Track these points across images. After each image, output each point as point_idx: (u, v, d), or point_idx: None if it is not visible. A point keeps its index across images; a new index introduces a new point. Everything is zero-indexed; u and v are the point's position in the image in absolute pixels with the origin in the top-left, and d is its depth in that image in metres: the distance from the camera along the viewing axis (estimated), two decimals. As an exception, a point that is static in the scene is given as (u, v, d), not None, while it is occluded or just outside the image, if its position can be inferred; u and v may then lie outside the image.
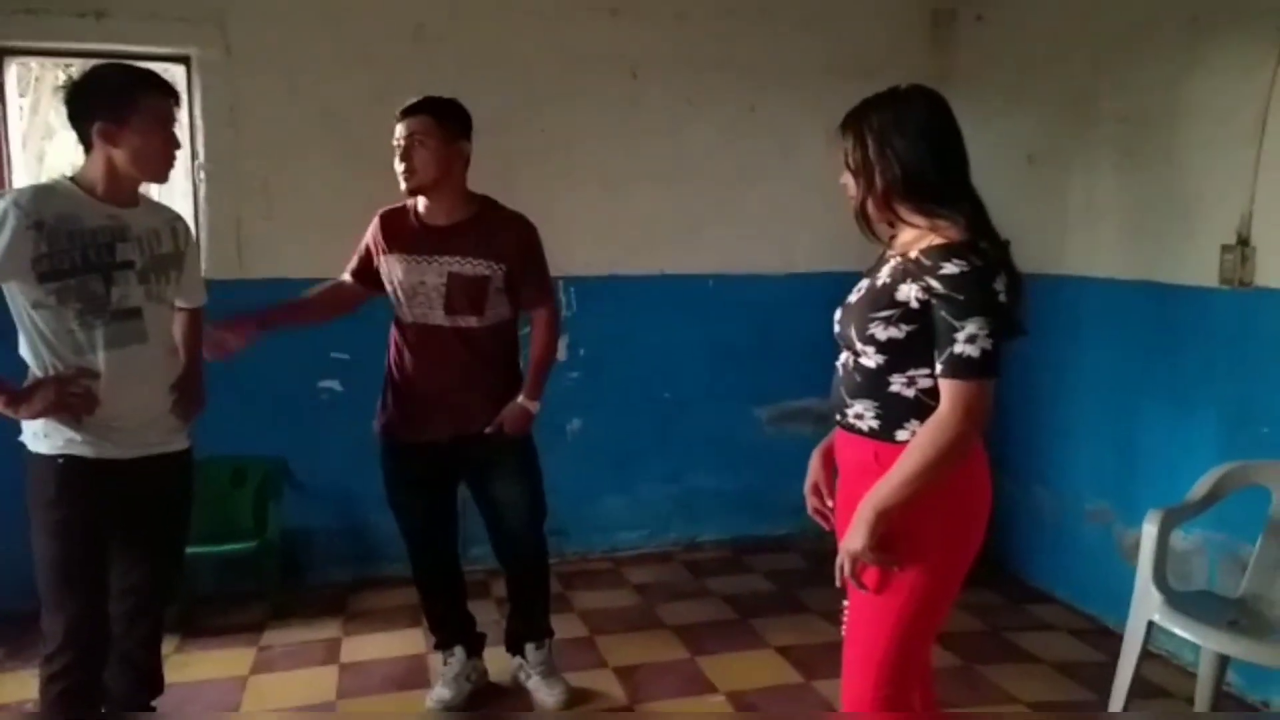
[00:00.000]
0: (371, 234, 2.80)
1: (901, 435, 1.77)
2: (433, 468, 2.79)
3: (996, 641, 3.34)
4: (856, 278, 1.98)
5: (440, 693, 2.84)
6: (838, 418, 1.90)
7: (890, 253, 1.83)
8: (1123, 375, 3.41)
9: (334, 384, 3.77)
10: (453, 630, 2.93)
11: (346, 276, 2.87)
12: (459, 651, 2.90)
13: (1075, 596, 3.64)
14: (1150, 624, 2.55)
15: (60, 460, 2.14)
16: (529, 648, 2.95)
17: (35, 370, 2.15)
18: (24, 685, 2.86)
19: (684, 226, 4.09)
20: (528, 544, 2.87)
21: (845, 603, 2.00)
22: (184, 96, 3.51)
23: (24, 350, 2.16)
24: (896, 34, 4.21)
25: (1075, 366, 3.62)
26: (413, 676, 3.06)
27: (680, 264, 4.12)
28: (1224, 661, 2.72)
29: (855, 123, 1.83)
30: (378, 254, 2.77)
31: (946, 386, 1.69)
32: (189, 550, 2.81)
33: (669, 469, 4.23)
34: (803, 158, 4.17)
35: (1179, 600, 2.57)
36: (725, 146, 4.09)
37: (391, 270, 2.72)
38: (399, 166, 2.62)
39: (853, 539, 1.73)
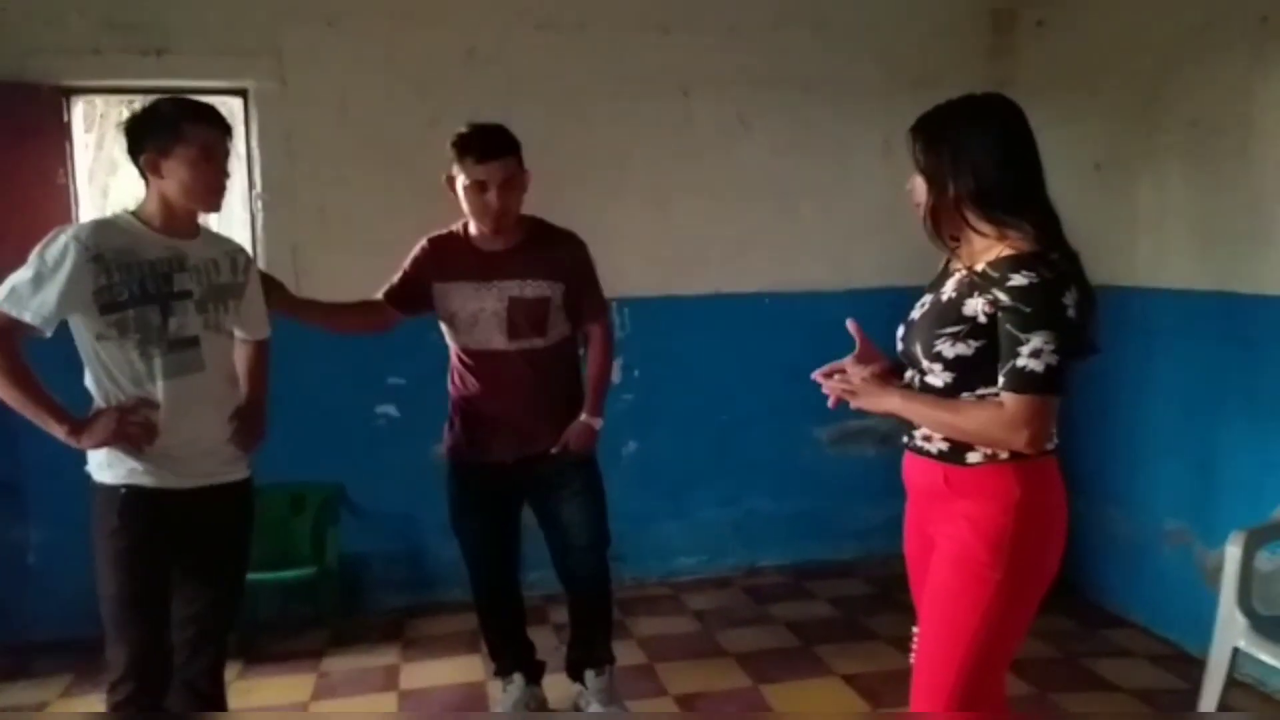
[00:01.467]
0: (418, 261, 2.78)
1: (973, 457, 1.72)
2: (497, 490, 2.78)
3: (1072, 668, 3.21)
4: (916, 293, 1.94)
5: None
6: (905, 440, 1.86)
7: (955, 266, 1.79)
8: (1199, 389, 3.27)
9: (390, 409, 3.78)
10: (512, 657, 2.91)
11: (378, 296, 2.83)
12: (518, 679, 2.88)
13: (1154, 621, 3.49)
14: (1235, 650, 2.43)
15: (123, 490, 2.16)
16: (589, 675, 2.92)
17: (99, 401, 2.18)
18: (93, 710, 2.89)
19: (737, 245, 4.04)
20: (591, 565, 2.84)
21: (915, 629, 1.95)
22: (240, 128, 3.60)
23: (89, 381, 2.19)
24: (954, 42, 4.13)
25: (1148, 381, 3.48)
26: (471, 703, 3.04)
27: (735, 283, 4.07)
28: (1319, 691, 2.59)
29: (929, 128, 1.79)
30: (428, 282, 2.75)
31: (1007, 400, 1.64)
32: (251, 577, 2.82)
33: (727, 492, 4.16)
34: (859, 171, 4.11)
35: (1265, 625, 2.45)
36: (779, 162, 4.04)
37: (448, 299, 2.71)
38: (480, 206, 2.58)
39: (868, 401, 1.81)
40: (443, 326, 2.78)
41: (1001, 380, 1.64)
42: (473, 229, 2.71)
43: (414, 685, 3.19)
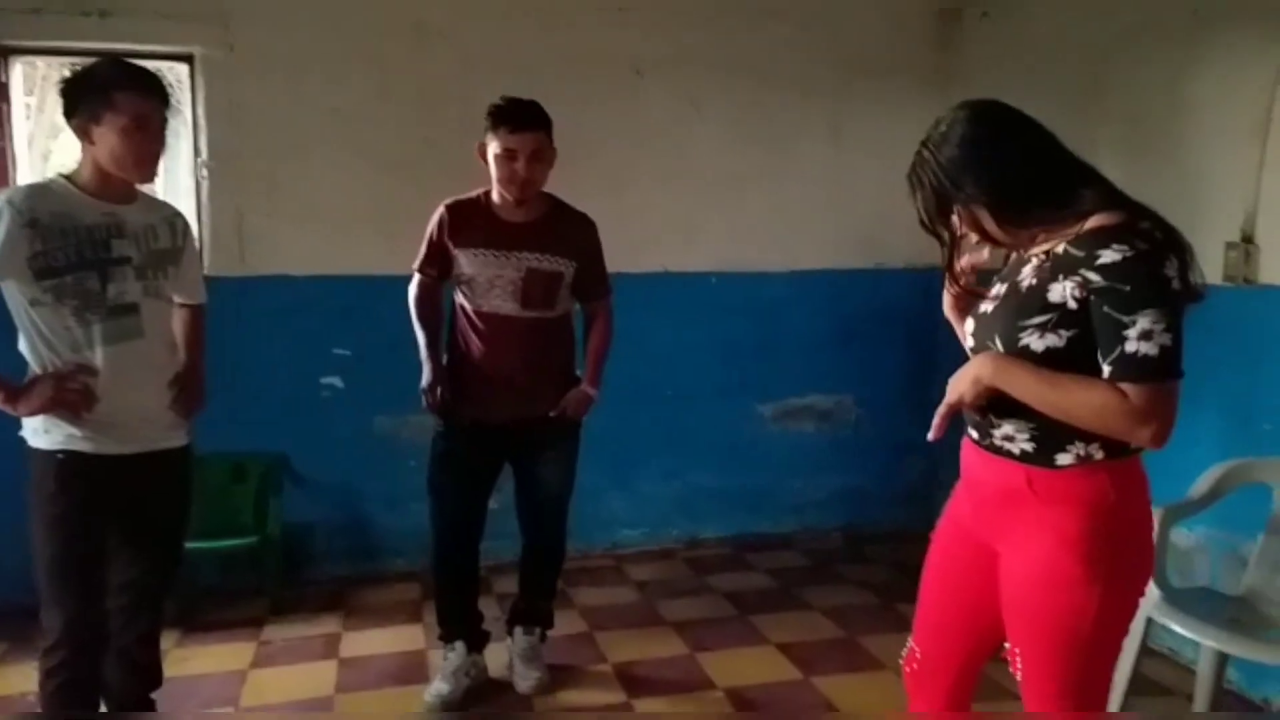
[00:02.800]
0: (440, 227, 2.82)
1: (1063, 459, 1.57)
2: (486, 450, 2.87)
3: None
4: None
5: (439, 687, 2.85)
6: (975, 436, 1.70)
7: (1028, 251, 1.62)
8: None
9: (335, 380, 3.78)
10: (459, 624, 2.96)
11: (419, 277, 2.88)
12: (460, 646, 2.92)
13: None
14: (1149, 620, 2.54)
15: (60, 455, 2.16)
16: (518, 631, 3.02)
17: (34, 367, 2.16)
18: (26, 678, 2.87)
19: (687, 224, 4.09)
20: (554, 513, 2.99)
21: (911, 641, 1.90)
22: (186, 94, 3.55)
23: (23, 347, 2.17)
24: (902, 33, 4.20)
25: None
26: (411, 672, 3.07)
27: (683, 262, 4.12)
28: (1224, 659, 2.71)
29: (919, 174, 1.64)
30: (450, 246, 2.79)
31: (1127, 391, 1.46)
32: (189, 546, 2.82)
33: (671, 466, 4.23)
34: (806, 157, 4.18)
35: (1179, 597, 2.56)
36: (729, 145, 4.09)
37: (465, 263, 2.77)
38: (509, 174, 2.65)
39: (961, 385, 1.61)
40: (457, 289, 2.83)
41: (1109, 370, 1.46)
42: (495, 198, 2.77)
43: (354, 653, 3.21)
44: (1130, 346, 1.44)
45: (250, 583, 3.60)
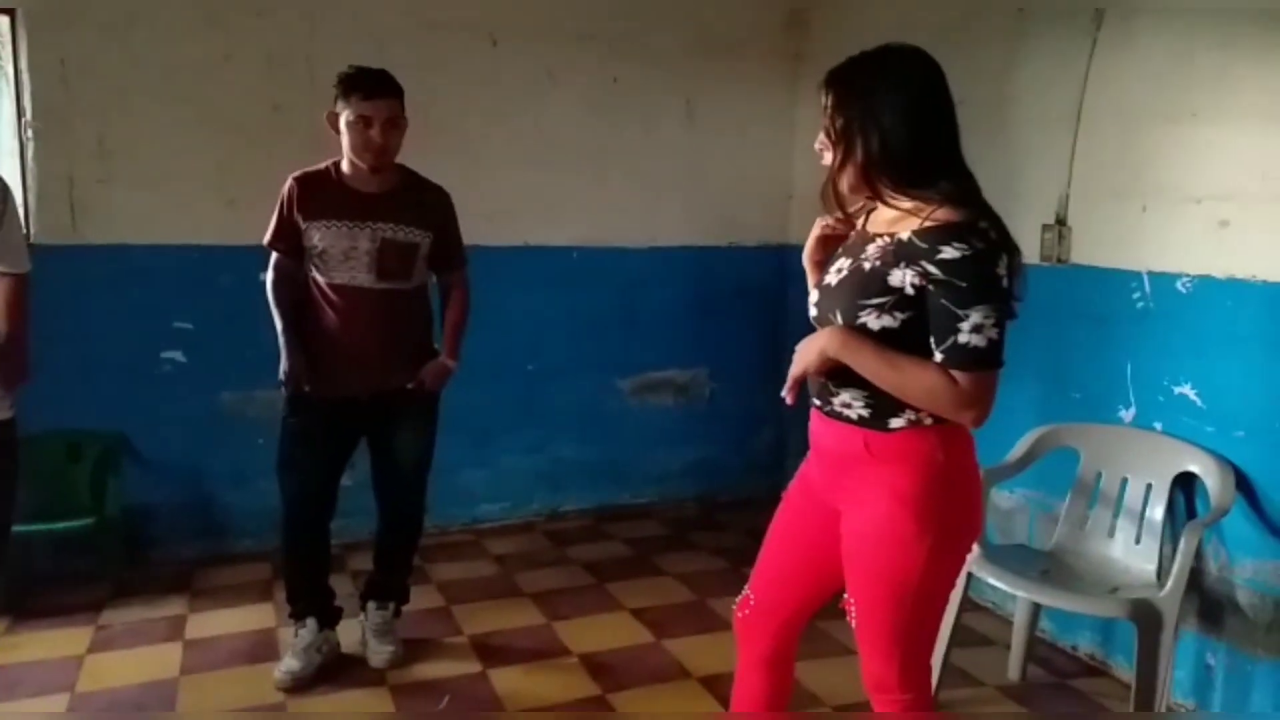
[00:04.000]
0: (288, 201, 2.73)
1: (896, 423, 1.67)
2: (341, 425, 2.83)
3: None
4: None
5: (289, 664, 2.81)
6: (818, 403, 1.79)
7: (872, 228, 1.71)
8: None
9: (177, 354, 3.63)
10: (310, 601, 2.91)
11: (275, 257, 2.79)
12: (311, 623, 2.88)
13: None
14: (970, 575, 2.74)
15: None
16: (371, 605, 3.01)
17: None
18: None
19: (546, 198, 4.09)
20: (411, 486, 2.98)
21: (747, 589, 2.01)
22: (8, 49, 3.33)
23: None
24: (752, 12, 4.30)
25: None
26: (261, 650, 3.01)
27: (544, 236, 4.13)
28: (1037, 610, 2.95)
29: (839, 83, 1.66)
30: (300, 220, 2.71)
31: (955, 377, 1.58)
32: (20, 529, 2.68)
33: (532, 440, 4.26)
34: (665, 132, 4.24)
35: (996, 553, 2.77)
36: (587, 118, 4.11)
37: (318, 235, 2.70)
38: (363, 142, 2.61)
39: (808, 356, 1.68)
40: (309, 261, 2.75)
41: (941, 356, 1.58)
42: (346, 168, 2.72)
43: (200, 635, 3.12)
44: (963, 338, 1.55)
45: (88, 566, 3.44)
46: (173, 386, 3.62)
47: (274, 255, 2.79)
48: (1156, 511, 2.72)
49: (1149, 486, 2.75)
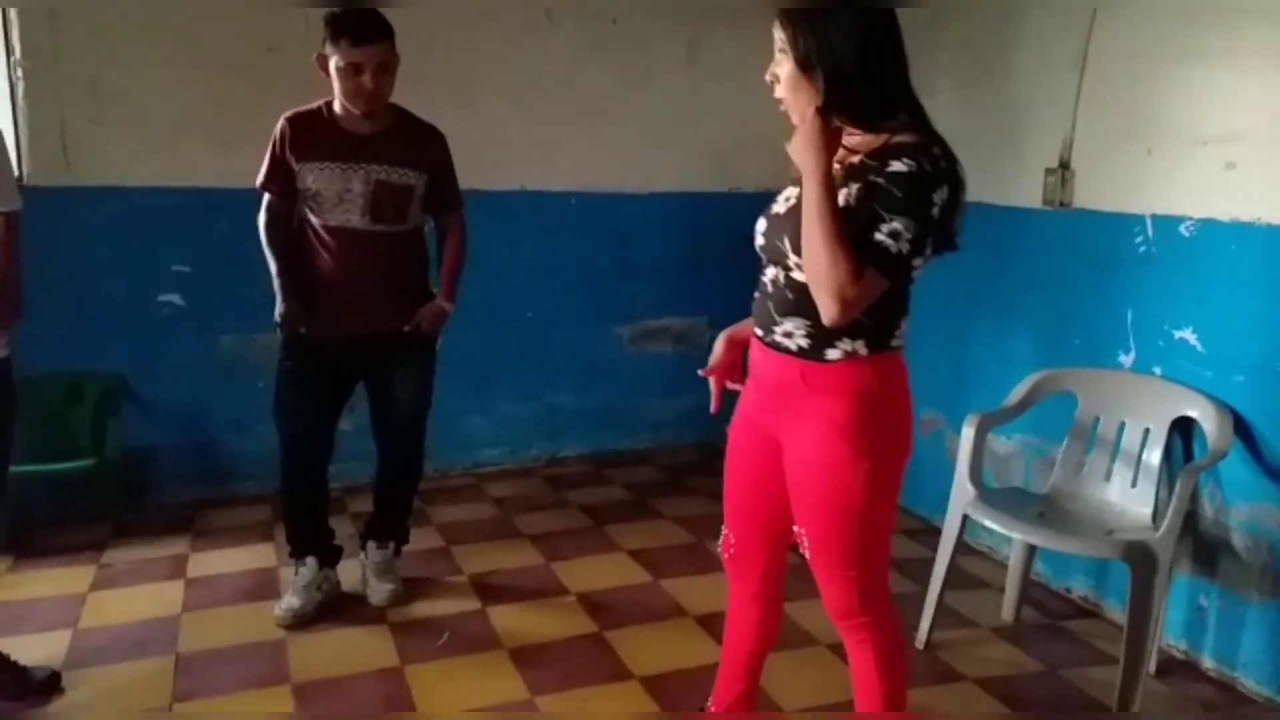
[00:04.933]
0: (280, 142, 2.70)
1: (832, 354, 1.71)
2: (337, 367, 2.82)
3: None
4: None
5: (290, 601, 2.83)
6: (760, 333, 1.83)
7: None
8: (955, 292, 3.58)
9: (175, 298, 3.61)
10: (310, 541, 2.94)
11: (267, 199, 2.75)
12: (311, 561, 2.91)
13: (908, 500, 3.85)
14: (965, 518, 2.76)
15: None
16: (371, 545, 3.04)
17: None
18: None
19: (543, 143, 4.05)
20: (409, 427, 2.97)
21: (725, 529, 2.04)
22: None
23: None
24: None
25: (918, 286, 3.78)
26: (262, 588, 3.04)
27: (541, 180, 4.09)
28: (1031, 552, 2.98)
29: (795, 16, 1.67)
30: (292, 161, 2.68)
31: None
32: (20, 469, 2.71)
33: (531, 387, 4.26)
34: (664, 75, 4.18)
35: (992, 496, 2.78)
36: (585, 60, 4.05)
37: (311, 178, 2.67)
38: (354, 89, 2.56)
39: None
40: (303, 204, 2.73)
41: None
42: (338, 108, 2.67)
43: (202, 573, 3.15)
44: (878, 236, 1.58)
45: (89, 507, 3.46)
46: (172, 330, 3.62)
47: (267, 197, 2.76)
48: (1153, 456, 2.72)
49: (1146, 431, 2.75)
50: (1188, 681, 2.65)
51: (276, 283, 2.74)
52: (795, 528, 1.84)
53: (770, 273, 1.80)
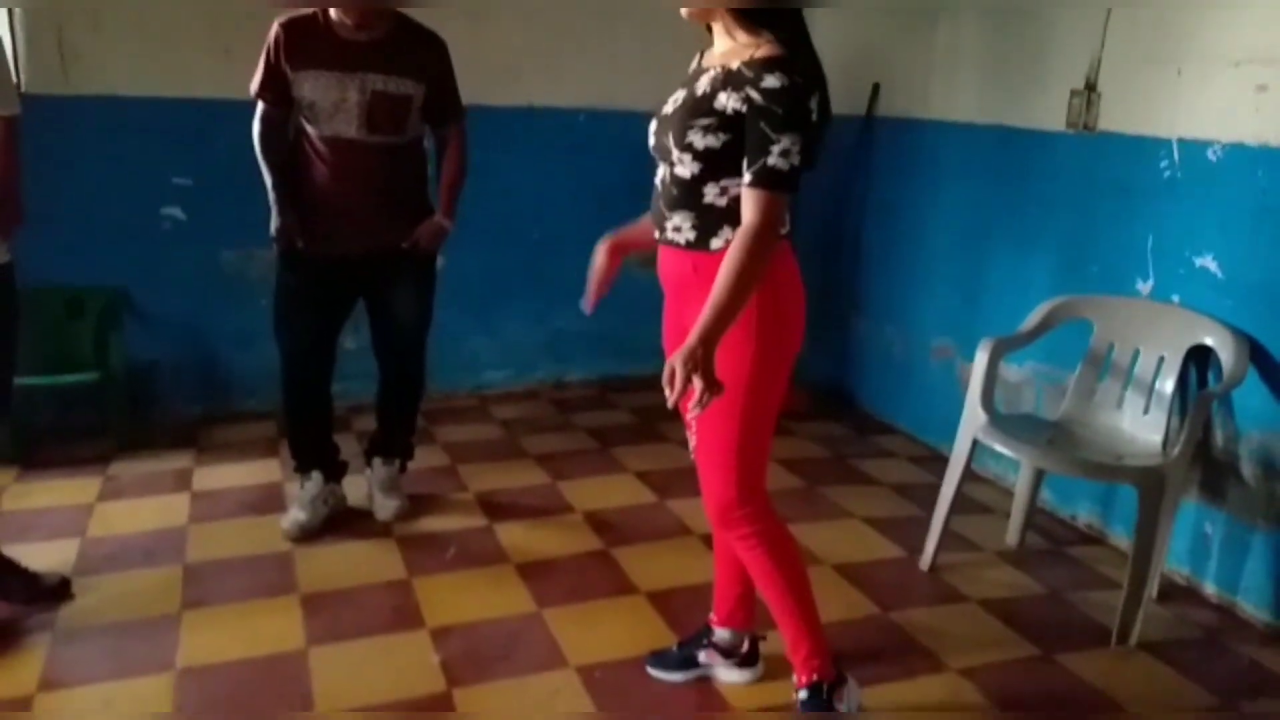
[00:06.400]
0: (274, 49, 2.61)
1: (716, 244, 1.81)
2: (335, 284, 2.77)
3: (840, 467, 3.54)
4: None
5: (295, 515, 2.84)
6: (657, 235, 1.94)
7: (708, 64, 1.85)
8: (973, 217, 3.54)
9: (176, 211, 3.56)
10: (314, 455, 2.93)
11: (261, 107, 2.67)
12: (316, 475, 2.91)
13: (917, 428, 3.87)
14: (975, 443, 2.74)
15: None
16: (377, 461, 3.03)
17: None
18: None
19: (553, 58, 3.95)
20: (410, 342, 2.94)
21: (687, 416, 2.06)
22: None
23: None
24: None
25: (932, 209, 3.73)
26: (268, 503, 3.05)
27: (550, 97, 4.00)
28: (1039, 479, 2.97)
29: None
30: (287, 69, 2.59)
31: (754, 196, 1.72)
32: (24, 381, 2.69)
33: (537, 309, 4.22)
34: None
35: (1002, 421, 2.76)
36: (597, -27, 3.93)
37: (306, 86, 2.59)
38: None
39: (679, 365, 1.62)
40: (299, 114, 2.65)
41: (750, 176, 1.72)
42: (334, 14, 2.57)
43: (208, 487, 3.16)
44: (771, 160, 1.70)
45: (94, 421, 3.46)
46: (173, 244, 3.57)
47: (261, 106, 2.67)
48: (1167, 384, 2.69)
49: (1161, 359, 2.72)
50: (1188, 606, 2.66)
51: (272, 196, 2.68)
52: (685, 416, 1.92)
53: (660, 171, 1.90)
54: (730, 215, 1.78)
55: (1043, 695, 2.23)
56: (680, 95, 1.85)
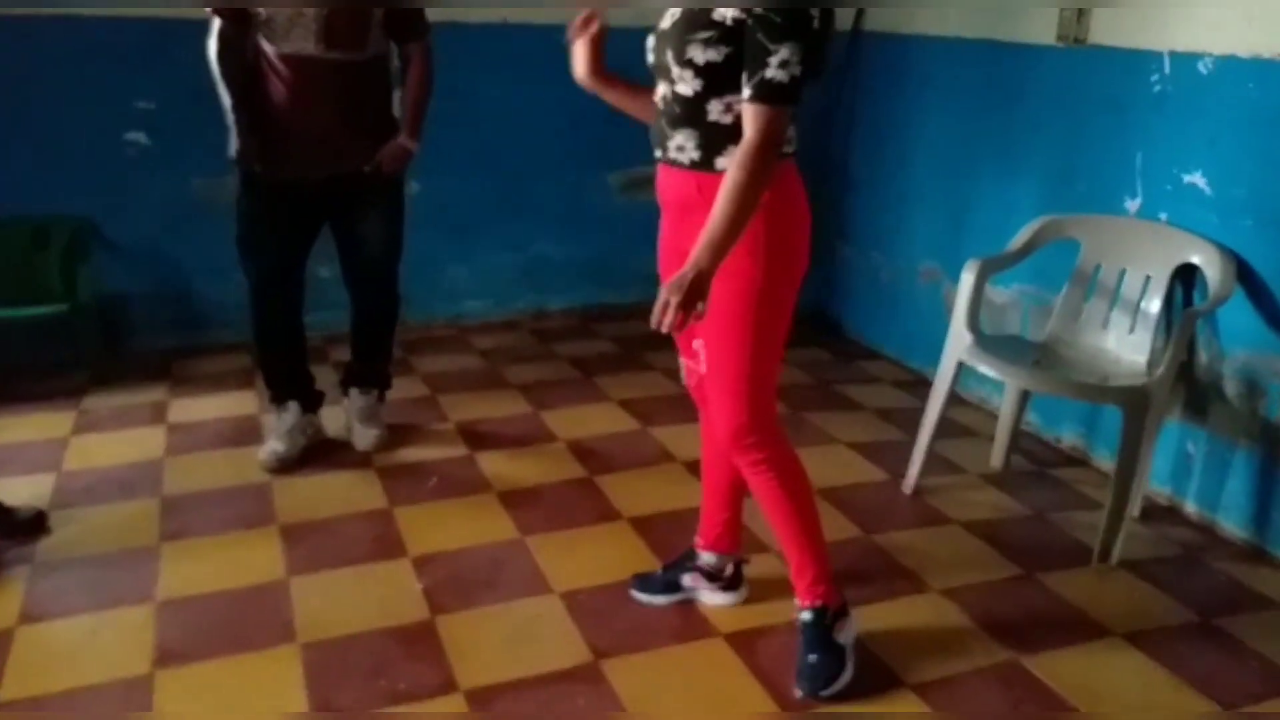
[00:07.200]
0: None
1: (721, 163, 1.76)
2: (299, 208, 2.69)
3: (825, 393, 3.53)
4: None
5: (273, 446, 2.81)
6: (659, 154, 1.87)
7: None
8: (960, 137, 3.46)
9: (140, 136, 3.45)
10: (289, 385, 2.89)
11: (216, 23, 2.53)
12: (293, 406, 2.86)
13: (902, 353, 3.85)
14: (960, 366, 2.72)
15: None
16: (354, 392, 2.99)
17: None
18: None
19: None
20: (382, 271, 2.87)
21: (682, 360, 2.05)
22: None
23: None
24: None
25: (918, 129, 3.66)
26: (244, 435, 3.02)
27: (525, 12, 3.85)
28: (1024, 401, 2.96)
29: None
30: None
31: (754, 111, 1.66)
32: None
33: (515, 237, 4.14)
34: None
35: (988, 342, 2.73)
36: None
37: None
38: None
39: (673, 293, 1.60)
40: (258, 31, 2.53)
41: (749, 91, 1.66)
42: None
43: (183, 419, 3.12)
44: (769, 73, 1.64)
45: (66, 354, 3.39)
46: (139, 170, 3.46)
47: (216, 21, 2.55)
48: (1153, 304, 2.67)
49: (1147, 279, 2.69)
50: (1169, 525, 2.68)
51: (230, 118, 2.57)
52: (695, 343, 1.89)
53: (660, 89, 1.82)
54: (736, 133, 1.72)
55: (1024, 613, 2.24)
56: (675, 11, 1.78)
